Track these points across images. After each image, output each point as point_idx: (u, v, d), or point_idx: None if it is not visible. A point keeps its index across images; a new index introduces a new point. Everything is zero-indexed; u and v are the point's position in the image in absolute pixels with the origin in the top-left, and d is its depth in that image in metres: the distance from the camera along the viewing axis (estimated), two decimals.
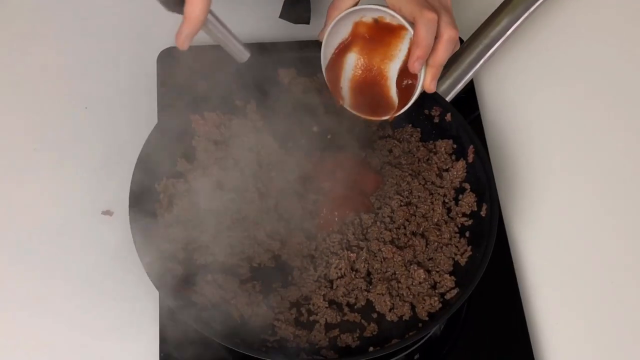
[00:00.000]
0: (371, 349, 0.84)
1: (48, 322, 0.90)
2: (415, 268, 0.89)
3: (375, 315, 0.88)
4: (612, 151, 1.05)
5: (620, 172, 1.04)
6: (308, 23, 1.06)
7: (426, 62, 0.90)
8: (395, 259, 0.90)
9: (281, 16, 1.06)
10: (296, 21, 1.06)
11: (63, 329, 0.90)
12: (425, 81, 0.91)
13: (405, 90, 0.94)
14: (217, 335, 0.82)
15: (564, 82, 1.10)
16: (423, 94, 0.95)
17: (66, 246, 0.95)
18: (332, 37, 0.93)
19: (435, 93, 0.97)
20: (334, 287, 0.89)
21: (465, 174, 0.95)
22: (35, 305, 0.91)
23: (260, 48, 1.05)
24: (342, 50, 0.94)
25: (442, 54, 0.90)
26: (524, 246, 0.97)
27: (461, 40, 1.03)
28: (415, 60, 0.88)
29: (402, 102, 0.93)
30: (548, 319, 0.93)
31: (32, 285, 0.92)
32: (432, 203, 0.94)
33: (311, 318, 0.87)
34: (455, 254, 0.91)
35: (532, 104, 1.08)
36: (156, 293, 0.90)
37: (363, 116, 0.96)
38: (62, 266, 0.93)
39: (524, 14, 1.01)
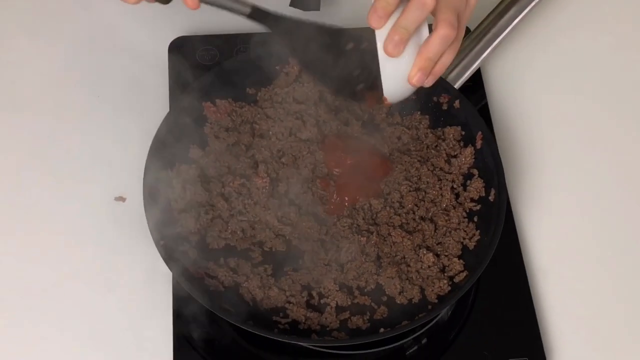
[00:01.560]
0: (381, 330, 0.85)
1: (62, 307, 0.92)
2: (425, 252, 0.91)
3: (385, 299, 0.89)
4: (620, 138, 1.06)
5: (628, 159, 1.05)
6: (318, 9, 1.07)
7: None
8: (404, 243, 0.91)
9: (291, 4, 1.07)
10: (307, 8, 1.07)
11: (77, 314, 0.91)
12: (412, 71, 0.83)
13: None
14: (230, 316, 0.83)
15: (571, 70, 1.11)
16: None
17: (80, 232, 0.96)
18: None
19: (444, 80, 0.98)
20: (345, 270, 0.90)
21: (473, 160, 0.96)
22: (48, 290, 0.92)
23: (270, 37, 1.06)
24: None
25: (433, 46, 0.81)
26: (532, 231, 0.98)
27: (468, 30, 1.05)
28: (394, 33, 0.80)
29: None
30: (555, 304, 0.94)
31: (46, 270, 0.94)
32: (440, 189, 0.95)
33: (322, 301, 0.89)
34: (464, 238, 0.92)
35: (539, 93, 1.09)
36: (169, 277, 0.91)
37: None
38: (76, 252, 0.95)
39: (531, 3, 1.02)
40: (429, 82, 0.84)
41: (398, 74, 0.84)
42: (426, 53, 0.82)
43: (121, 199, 0.98)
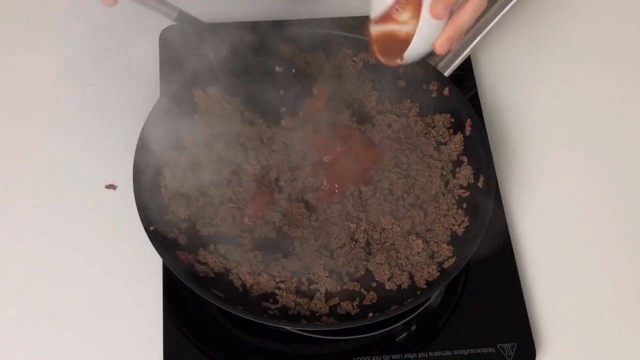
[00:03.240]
0: (370, 314, 0.85)
1: (52, 294, 0.92)
2: (414, 238, 0.91)
3: (374, 284, 0.90)
4: (609, 127, 1.07)
5: (616, 148, 1.05)
6: None
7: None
8: (394, 230, 0.92)
9: None
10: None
11: (67, 301, 0.91)
12: (438, 40, 0.85)
13: None
14: (220, 302, 0.84)
15: (562, 59, 1.12)
16: (421, 69, 0.96)
17: (70, 220, 0.96)
18: None
19: (434, 68, 0.99)
20: (334, 256, 0.91)
21: (462, 147, 0.96)
22: (38, 277, 0.93)
23: (265, 25, 1.06)
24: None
25: (465, 15, 0.83)
26: (521, 219, 0.99)
27: None
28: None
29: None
30: (544, 290, 0.95)
31: (36, 258, 0.94)
32: (430, 176, 0.96)
33: (312, 287, 0.89)
34: (453, 225, 0.93)
35: (529, 81, 1.09)
36: (160, 263, 0.92)
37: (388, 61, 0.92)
38: (66, 240, 0.95)
39: None
40: (452, 48, 0.86)
41: (428, 38, 0.85)
42: (458, 21, 0.84)
43: (112, 187, 0.98)
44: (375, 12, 0.88)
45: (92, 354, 0.89)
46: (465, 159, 0.96)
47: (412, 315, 0.91)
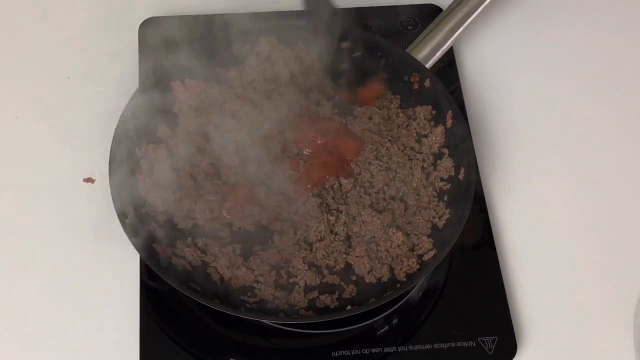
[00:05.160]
0: (349, 307, 0.85)
1: (28, 288, 0.91)
2: (394, 231, 0.90)
3: (354, 277, 0.89)
4: (590, 120, 1.06)
5: (598, 141, 1.05)
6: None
7: None
8: (374, 223, 0.91)
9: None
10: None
11: (44, 295, 0.90)
12: None
13: None
14: (197, 296, 0.83)
15: (546, 50, 1.11)
16: (403, 61, 0.96)
17: (48, 213, 0.95)
18: None
19: (415, 60, 0.98)
20: (314, 249, 0.90)
21: (444, 139, 0.96)
22: (16, 271, 0.91)
23: (241, 17, 1.05)
24: None
25: None
26: (503, 211, 0.98)
27: (440, 9, 1.05)
28: None
29: None
30: (525, 283, 0.94)
31: (12, 252, 0.93)
32: (411, 168, 0.95)
33: (290, 280, 0.88)
34: (434, 217, 0.92)
35: (513, 73, 1.09)
36: (137, 257, 0.91)
37: None
38: (42, 233, 0.94)
39: None
40: None
41: None
42: None
43: (90, 180, 0.97)
44: None
45: (67, 347, 0.88)
46: (446, 151, 0.95)
47: (393, 309, 0.90)
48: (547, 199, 1.00)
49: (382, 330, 0.90)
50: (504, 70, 1.09)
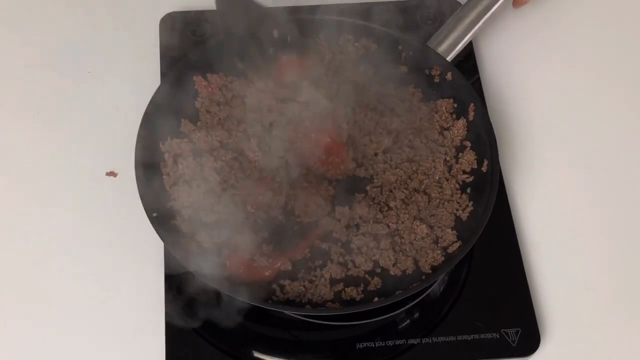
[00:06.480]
0: (375, 299, 0.85)
1: (52, 281, 0.91)
2: (418, 224, 0.91)
3: (379, 270, 0.89)
4: (612, 114, 1.06)
5: (619, 134, 1.05)
6: None
7: None
8: (402, 216, 0.91)
9: None
10: None
11: (68, 289, 0.91)
12: None
13: None
14: (225, 288, 0.83)
15: (566, 43, 1.11)
16: (423, 54, 0.96)
17: (71, 207, 0.96)
18: None
19: (436, 53, 0.98)
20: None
21: (466, 132, 0.96)
22: (39, 264, 0.92)
23: (259, 12, 1.05)
24: None
25: None
26: (524, 204, 0.98)
27: (459, 3, 1.05)
28: None
29: None
30: (548, 275, 0.94)
31: (35, 246, 0.93)
32: (433, 161, 0.95)
33: (316, 273, 0.89)
34: (457, 210, 0.92)
35: (532, 66, 1.09)
36: (161, 250, 0.91)
37: None
38: (67, 227, 0.94)
39: None
40: None
41: None
42: None
43: (112, 174, 0.97)
44: None
45: (92, 340, 0.88)
46: (468, 143, 0.95)
47: (416, 301, 0.90)
48: (569, 191, 1.00)
49: (405, 323, 0.91)
50: (524, 64, 1.09)
